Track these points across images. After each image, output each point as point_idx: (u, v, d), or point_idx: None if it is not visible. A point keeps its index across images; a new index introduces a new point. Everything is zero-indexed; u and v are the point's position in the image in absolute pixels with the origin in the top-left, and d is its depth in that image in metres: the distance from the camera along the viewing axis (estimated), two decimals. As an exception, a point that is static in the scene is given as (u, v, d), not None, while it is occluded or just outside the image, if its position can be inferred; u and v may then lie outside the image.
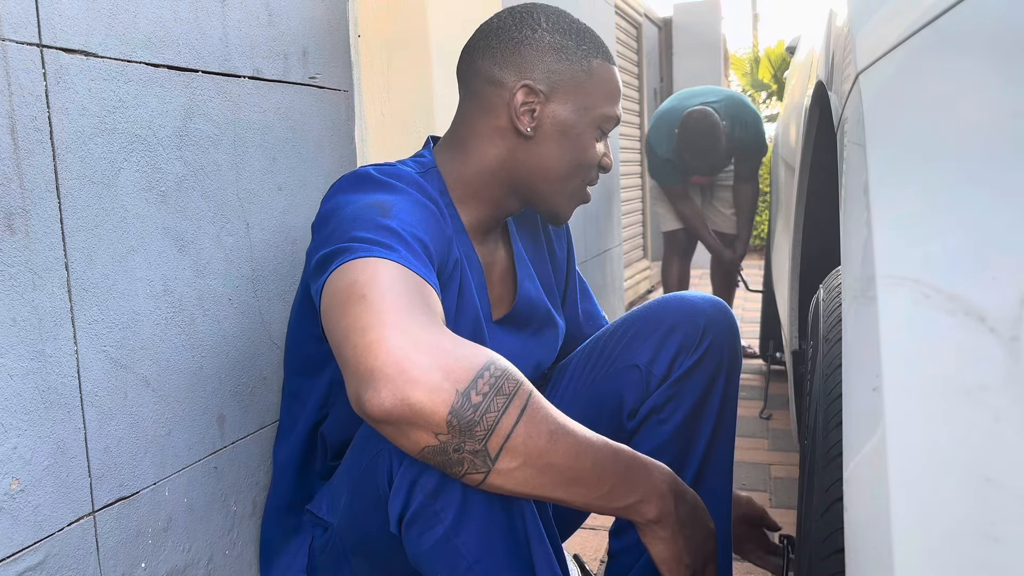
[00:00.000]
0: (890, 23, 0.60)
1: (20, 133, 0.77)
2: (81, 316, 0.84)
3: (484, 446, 0.73)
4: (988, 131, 0.46)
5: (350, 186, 0.96)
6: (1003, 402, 0.39)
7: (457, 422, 0.72)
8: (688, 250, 3.56)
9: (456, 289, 1.01)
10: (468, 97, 1.07)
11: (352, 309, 0.77)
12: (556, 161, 1.05)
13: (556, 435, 0.77)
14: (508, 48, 1.03)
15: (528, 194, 1.08)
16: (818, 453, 0.71)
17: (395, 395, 0.70)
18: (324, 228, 0.91)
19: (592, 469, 0.78)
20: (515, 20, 1.05)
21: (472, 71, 1.06)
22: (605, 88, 1.06)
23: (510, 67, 1.03)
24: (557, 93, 1.03)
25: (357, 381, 0.73)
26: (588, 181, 1.09)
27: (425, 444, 0.73)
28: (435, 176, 1.06)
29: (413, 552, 0.84)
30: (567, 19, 1.06)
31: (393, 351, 0.72)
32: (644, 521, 0.84)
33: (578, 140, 1.05)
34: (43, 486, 0.80)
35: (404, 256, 0.83)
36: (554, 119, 1.03)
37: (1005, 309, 0.40)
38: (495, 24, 1.06)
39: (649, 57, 5.71)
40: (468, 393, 0.72)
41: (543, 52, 1.02)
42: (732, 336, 1.13)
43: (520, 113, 1.02)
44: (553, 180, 1.06)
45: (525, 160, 1.05)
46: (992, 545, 0.38)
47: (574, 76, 1.03)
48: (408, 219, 0.90)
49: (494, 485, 0.76)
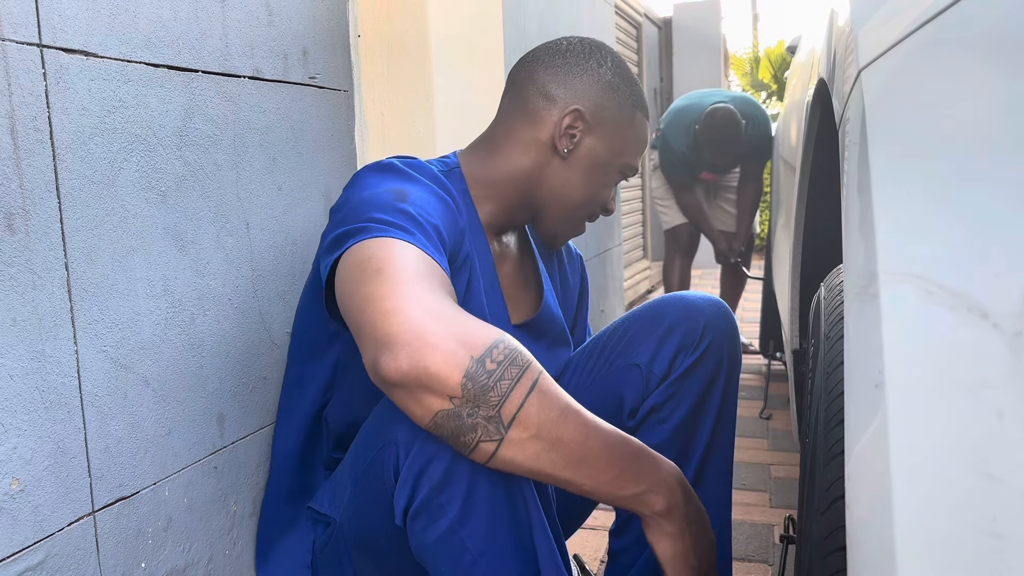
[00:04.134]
0: (892, 20, 0.60)
1: (20, 133, 0.77)
2: (81, 316, 0.84)
3: (498, 412, 0.74)
4: (990, 127, 0.46)
5: (372, 173, 0.99)
6: (1006, 399, 0.39)
7: (472, 386, 0.73)
8: (690, 249, 3.57)
9: (464, 283, 1.03)
10: (515, 103, 1.11)
11: (369, 281, 0.79)
12: (576, 188, 1.10)
13: (567, 412, 0.78)
14: (572, 72, 1.08)
15: (539, 211, 1.12)
16: (819, 451, 0.71)
17: (411, 358, 0.72)
18: (342, 210, 0.94)
19: (602, 451, 0.79)
20: (585, 49, 1.10)
21: (529, 80, 1.10)
22: (638, 140, 1.13)
23: (568, 88, 1.08)
24: (600, 128, 1.09)
25: (374, 346, 0.74)
26: (591, 216, 1.15)
27: (439, 408, 0.74)
28: (457, 176, 1.10)
29: (417, 545, 0.84)
30: (626, 67, 1.13)
31: (410, 318, 0.74)
32: (651, 513, 0.83)
33: (602, 176, 1.11)
34: (43, 486, 0.80)
35: (419, 239, 0.86)
36: (590, 150, 1.09)
37: (1008, 305, 0.40)
38: (565, 46, 1.11)
39: (649, 57, 5.71)
40: (483, 359, 0.74)
41: (602, 87, 1.09)
42: (732, 336, 1.13)
43: (563, 133, 1.07)
44: (567, 205, 1.11)
45: (550, 178, 1.10)
46: (994, 542, 0.38)
47: (619, 119, 1.10)
48: (424, 206, 0.92)
49: (505, 458, 0.76)
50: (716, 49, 6.43)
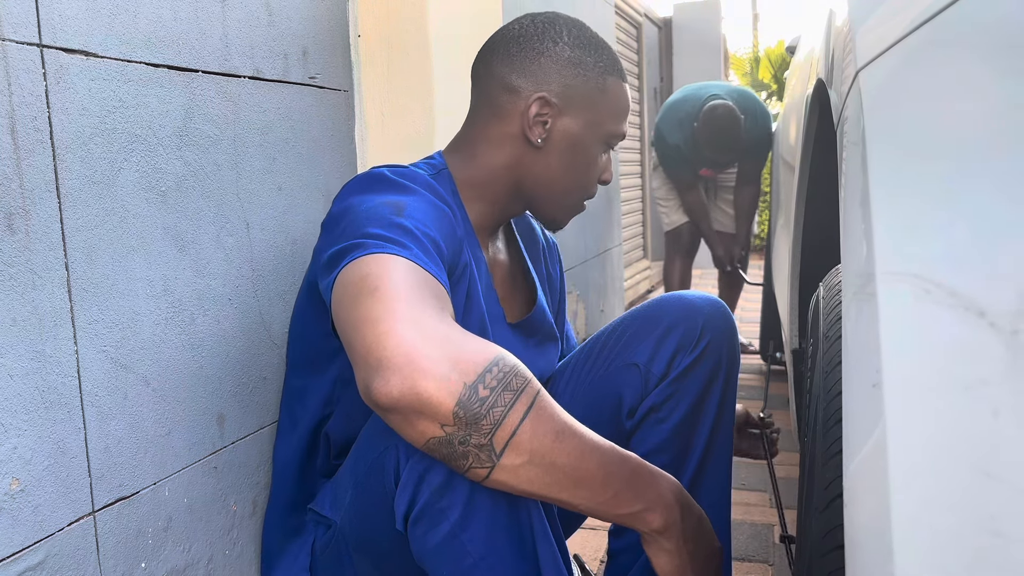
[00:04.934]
0: (890, 20, 0.60)
1: (20, 133, 0.77)
2: (81, 316, 0.84)
3: (490, 440, 0.73)
4: (987, 126, 0.46)
5: (364, 186, 0.97)
6: (1003, 397, 0.39)
7: (464, 414, 0.72)
8: (691, 249, 3.55)
9: (464, 291, 1.01)
10: (481, 100, 1.08)
11: (364, 301, 0.77)
12: (561, 172, 1.07)
13: (563, 434, 0.76)
14: (528, 57, 1.04)
15: (530, 200, 1.10)
16: (818, 450, 0.71)
17: (404, 384, 0.71)
18: (337, 226, 0.92)
19: (597, 472, 0.78)
20: (537, 30, 1.05)
21: (488, 75, 1.07)
22: (616, 106, 1.08)
23: (528, 76, 1.04)
24: (570, 107, 1.05)
25: (367, 370, 0.73)
26: (587, 194, 1.12)
27: (431, 435, 0.73)
28: (446, 178, 1.07)
29: (418, 549, 0.83)
30: (587, 33, 1.07)
31: (403, 341, 0.72)
32: (648, 531, 0.83)
33: (585, 154, 1.07)
34: (43, 486, 0.80)
35: (416, 254, 0.84)
36: (564, 132, 1.05)
37: (1005, 304, 0.40)
38: (516, 31, 1.06)
39: (649, 57, 5.71)
40: (476, 386, 0.72)
41: (562, 66, 1.04)
42: (730, 335, 1.13)
43: (533, 123, 1.04)
44: (556, 190, 1.08)
45: (531, 167, 1.07)
46: (993, 540, 0.38)
47: (588, 92, 1.05)
48: (422, 218, 0.90)
49: (498, 481, 0.76)
50: (716, 49, 6.43)
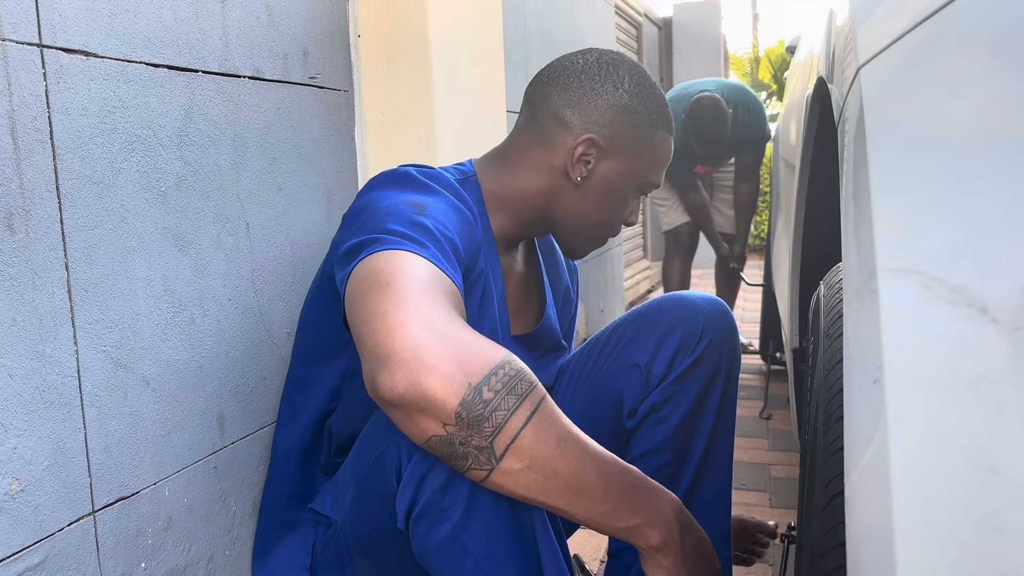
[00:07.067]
0: (891, 17, 0.60)
1: (20, 133, 0.77)
2: (81, 316, 0.84)
3: (490, 443, 0.73)
4: (988, 123, 0.46)
5: (389, 182, 0.97)
6: (1006, 393, 0.39)
7: (466, 415, 0.72)
8: (691, 249, 3.54)
9: (479, 297, 1.02)
10: (530, 124, 1.08)
11: (376, 295, 0.78)
12: (592, 210, 1.08)
13: (564, 442, 0.76)
14: (586, 96, 1.04)
15: (555, 227, 1.11)
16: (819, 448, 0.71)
17: (408, 379, 0.71)
18: (357, 219, 0.92)
19: (597, 482, 0.77)
20: (600, 70, 1.06)
21: (542, 102, 1.07)
22: (659, 159, 1.09)
23: (581, 114, 1.04)
24: (615, 152, 1.06)
25: (373, 363, 0.73)
26: (612, 233, 1.13)
27: (432, 433, 0.73)
28: (473, 185, 1.08)
29: (420, 548, 0.83)
30: (647, 82, 1.08)
31: (411, 337, 0.73)
32: (647, 546, 0.82)
33: (619, 197, 1.09)
34: (43, 486, 0.80)
35: (433, 253, 0.85)
36: (604, 175, 1.06)
37: (1007, 299, 0.40)
38: (580, 65, 1.07)
39: (649, 57, 5.71)
40: (480, 388, 0.72)
41: (617, 111, 1.04)
42: (731, 335, 1.13)
43: (576, 161, 1.05)
44: (584, 225, 1.10)
45: (565, 201, 1.08)
46: (995, 536, 0.38)
47: (636, 141, 1.06)
48: (442, 219, 0.91)
49: (497, 484, 0.76)
50: (716, 49, 6.43)
